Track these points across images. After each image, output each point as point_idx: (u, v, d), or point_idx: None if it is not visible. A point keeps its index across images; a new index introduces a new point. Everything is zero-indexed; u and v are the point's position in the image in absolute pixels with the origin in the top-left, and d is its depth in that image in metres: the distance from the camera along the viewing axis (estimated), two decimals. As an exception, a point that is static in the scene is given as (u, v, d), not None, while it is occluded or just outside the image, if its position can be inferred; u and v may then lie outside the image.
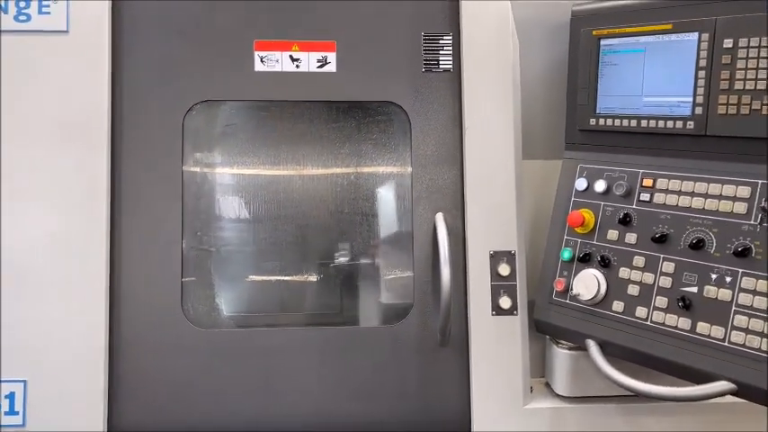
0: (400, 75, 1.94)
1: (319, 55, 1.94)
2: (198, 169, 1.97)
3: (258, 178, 1.99)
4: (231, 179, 2.01)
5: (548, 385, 1.98)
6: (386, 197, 2.02)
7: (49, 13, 1.82)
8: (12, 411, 1.76)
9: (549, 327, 1.86)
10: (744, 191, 1.52)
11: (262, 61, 1.93)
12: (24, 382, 1.77)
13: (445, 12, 1.95)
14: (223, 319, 1.99)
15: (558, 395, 1.92)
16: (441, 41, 1.96)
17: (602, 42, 1.75)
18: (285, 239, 2.00)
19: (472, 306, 1.89)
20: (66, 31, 1.83)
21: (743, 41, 1.48)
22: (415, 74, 1.95)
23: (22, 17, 1.81)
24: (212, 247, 1.97)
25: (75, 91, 1.82)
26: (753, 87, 1.48)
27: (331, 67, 1.94)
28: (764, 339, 1.44)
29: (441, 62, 1.96)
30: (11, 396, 1.76)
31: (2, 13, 1.80)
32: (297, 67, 1.93)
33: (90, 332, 1.78)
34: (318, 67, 1.94)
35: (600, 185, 1.77)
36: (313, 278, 2.02)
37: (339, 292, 2.04)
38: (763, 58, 1.45)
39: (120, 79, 1.87)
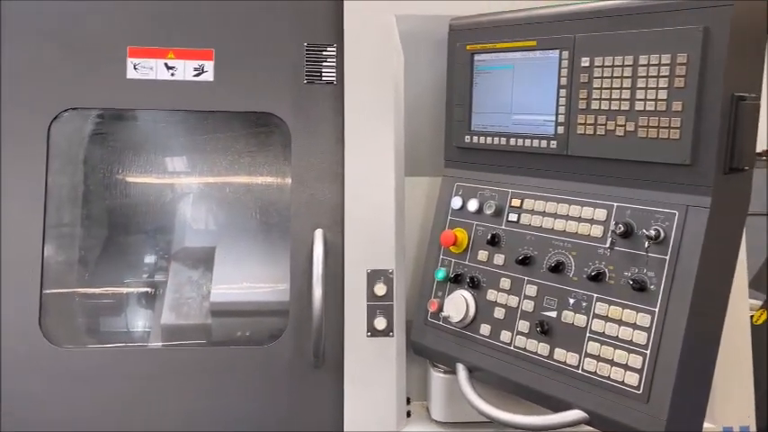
0: (281, 86, 1.88)
1: (196, 63, 1.87)
2: (65, 177, 1.88)
3: (128, 188, 1.91)
4: (99, 188, 1.93)
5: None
6: (264, 211, 1.95)
7: None
8: None
9: (424, 349, 1.80)
10: (600, 213, 1.48)
11: (135, 68, 1.85)
12: None
13: (329, 22, 1.90)
14: (83, 336, 1.90)
15: (434, 420, 1.85)
16: (324, 53, 1.90)
17: (476, 58, 1.71)
18: (156, 252, 1.92)
19: (347, 327, 1.82)
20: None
21: (598, 60, 1.44)
22: (298, 85, 1.89)
23: None
24: (75, 259, 1.88)
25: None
26: (608, 107, 1.44)
27: (208, 76, 1.87)
28: (614, 367, 1.39)
29: (324, 74, 1.90)
30: None
31: None
32: (172, 75, 1.86)
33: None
34: (195, 75, 1.87)
35: (473, 204, 1.72)
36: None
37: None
38: (618, 77, 1.41)
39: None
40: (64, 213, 1.92)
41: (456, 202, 1.76)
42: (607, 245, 1.43)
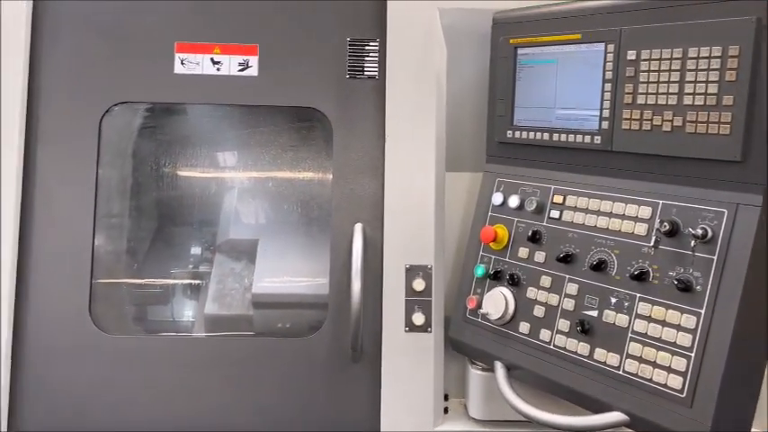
0: (324, 80, 1.89)
1: (241, 58, 1.90)
2: (114, 170, 1.94)
3: (174, 180, 1.96)
4: (147, 181, 1.98)
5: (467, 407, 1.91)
6: (305, 205, 1.97)
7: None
8: None
9: (463, 346, 1.79)
10: (645, 211, 1.43)
11: (182, 63, 1.89)
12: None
13: (372, 17, 1.90)
14: (131, 324, 1.96)
15: (472, 418, 1.84)
16: (366, 47, 1.90)
17: (519, 51, 1.69)
18: (201, 243, 1.96)
19: (385, 321, 1.82)
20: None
21: (645, 53, 1.40)
22: (340, 80, 1.89)
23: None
24: (123, 249, 1.94)
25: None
26: (654, 102, 1.39)
27: (252, 71, 1.90)
28: (657, 369, 1.35)
29: (366, 69, 1.91)
30: None
31: None
32: (218, 70, 1.89)
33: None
34: (240, 70, 1.90)
35: (514, 201, 1.70)
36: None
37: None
38: (665, 71, 1.37)
39: (38, 79, 1.85)
40: (113, 205, 1.98)
41: (497, 198, 1.75)
42: (651, 243, 1.39)
